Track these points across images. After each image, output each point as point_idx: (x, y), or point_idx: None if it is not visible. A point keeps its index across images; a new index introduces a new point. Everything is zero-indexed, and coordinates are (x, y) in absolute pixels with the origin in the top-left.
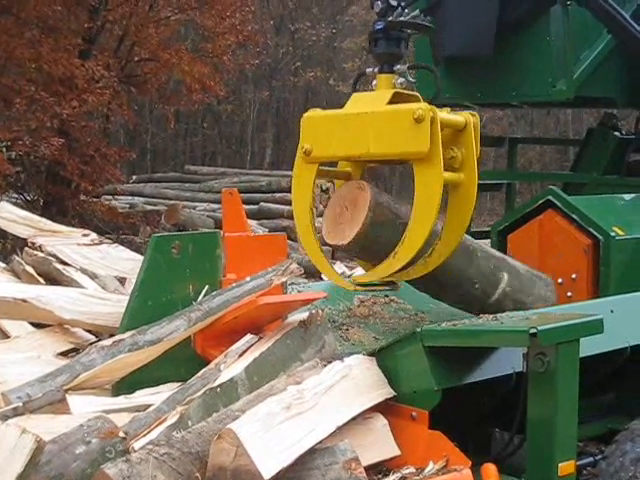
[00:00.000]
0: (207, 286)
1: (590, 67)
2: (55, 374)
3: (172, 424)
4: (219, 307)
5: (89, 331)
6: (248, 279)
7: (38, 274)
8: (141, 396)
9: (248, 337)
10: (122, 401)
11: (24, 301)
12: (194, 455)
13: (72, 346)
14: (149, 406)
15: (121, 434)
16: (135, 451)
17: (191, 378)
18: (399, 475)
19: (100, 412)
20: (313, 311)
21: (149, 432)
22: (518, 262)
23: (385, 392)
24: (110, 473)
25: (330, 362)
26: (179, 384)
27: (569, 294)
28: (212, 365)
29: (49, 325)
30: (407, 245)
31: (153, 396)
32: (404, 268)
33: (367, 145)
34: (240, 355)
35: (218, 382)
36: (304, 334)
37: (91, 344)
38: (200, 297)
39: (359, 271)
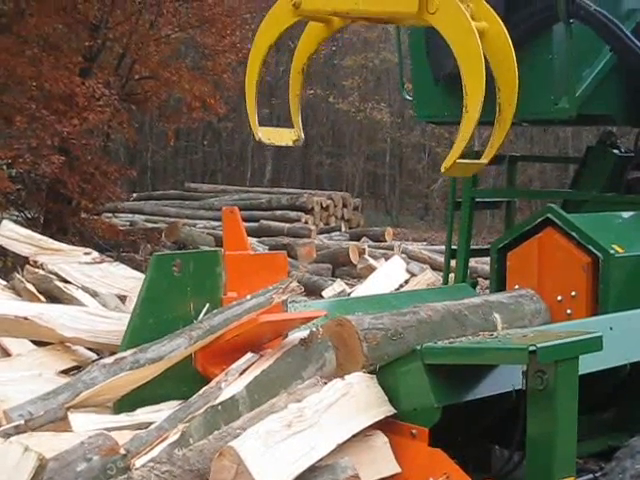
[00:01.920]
0: (208, 304)
1: (591, 85)
2: (57, 392)
3: (174, 442)
4: (220, 325)
5: (90, 349)
6: (249, 297)
7: (39, 292)
8: (142, 414)
9: (249, 355)
10: (124, 419)
11: (25, 319)
12: (195, 472)
13: (74, 364)
14: (150, 424)
15: (122, 451)
16: (137, 468)
17: (192, 396)
18: None
19: (101, 430)
20: (314, 329)
21: (151, 450)
22: (498, 294)
23: (385, 410)
24: None
25: (331, 380)
26: (180, 402)
27: (569, 311)
28: (213, 383)
29: (50, 343)
30: (472, 97)
31: (154, 414)
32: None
33: (356, 1)
34: (241, 373)
35: (219, 400)
36: (305, 352)
37: (93, 362)
38: (201, 315)
39: (358, 290)
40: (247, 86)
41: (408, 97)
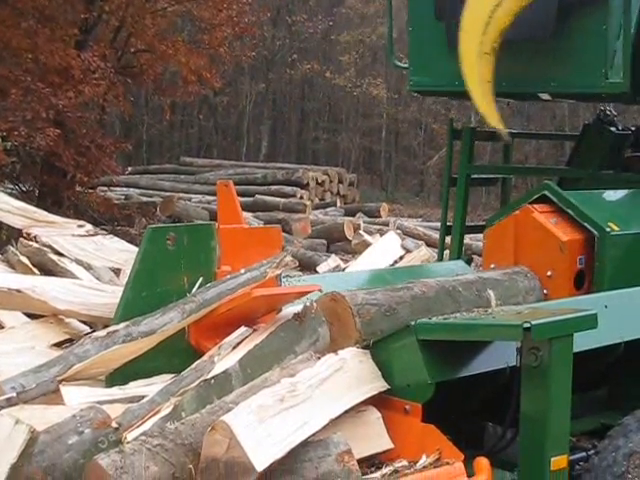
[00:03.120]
0: (201, 278)
1: None
2: (49, 365)
3: (166, 415)
4: (213, 299)
5: (84, 322)
6: (242, 271)
7: (33, 265)
8: (135, 387)
9: (242, 329)
10: (116, 392)
11: (18, 291)
12: (187, 446)
13: (66, 337)
14: (143, 397)
15: (114, 424)
16: (128, 442)
17: (185, 370)
18: (392, 468)
19: (94, 403)
20: (307, 304)
21: (142, 423)
22: (492, 271)
23: (379, 385)
24: (103, 464)
25: (324, 355)
26: (173, 376)
27: (545, 292)
28: (206, 357)
29: (43, 316)
30: None
31: (147, 387)
32: None
33: None
34: (234, 347)
35: (212, 374)
36: (298, 327)
37: (85, 335)
38: (194, 289)
39: (353, 265)
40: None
41: (400, 64)
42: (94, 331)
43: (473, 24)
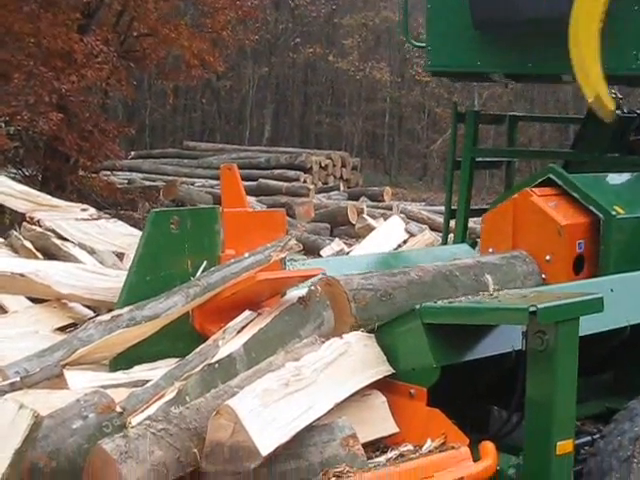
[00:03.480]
0: (205, 262)
1: None
2: (53, 349)
3: (170, 400)
4: (217, 283)
5: (87, 306)
6: (246, 255)
7: (36, 249)
8: (139, 371)
9: (246, 313)
10: (120, 376)
11: (22, 275)
12: (192, 431)
13: (70, 321)
14: (147, 381)
15: (118, 409)
16: (133, 426)
17: (189, 354)
18: (397, 452)
19: (98, 387)
20: (312, 287)
21: (147, 407)
22: (490, 255)
23: (384, 369)
24: (107, 448)
25: (329, 339)
26: (177, 360)
27: (543, 276)
28: (210, 341)
29: (46, 300)
30: None
31: (151, 372)
32: None
33: None
34: (238, 331)
35: (216, 358)
36: (303, 311)
37: (89, 319)
38: (199, 273)
39: (357, 249)
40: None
41: (417, 43)
42: (98, 315)
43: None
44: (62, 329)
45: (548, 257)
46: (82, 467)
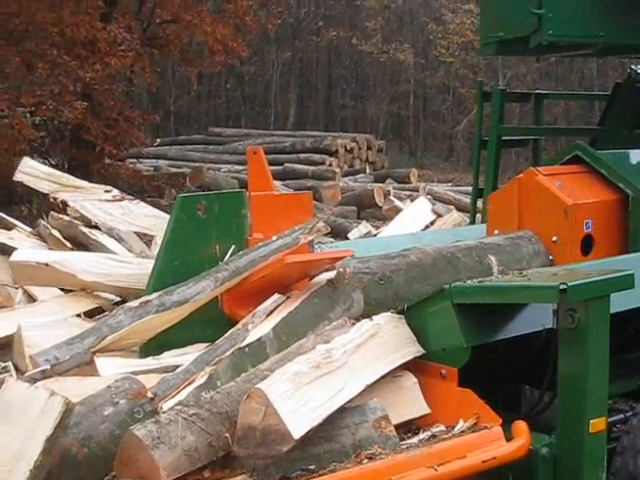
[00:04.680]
0: (233, 246)
1: None
2: (82, 336)
3: (201, 385)
4: (246, 267)
5: (113, 294)
6: (275, 238)
7: (64, 238)
8: (169, 357)
9: (275, 297)
10: (150, 362)
11: (46, 265)
12: (223, 415)
13: (96, 306)
14: (177, 367)
15: (149, 394)
16: (164, 412)
17: (219, 339)
18: (429, 433)
19: (128, 373)
20: (341, 269)
21: (178, 393)
22: (494, 236)
23: (414, 350)
24: (139, 434)
25: (359, 320)
26: (206, 345)
27: (550, 257)
28: (240, 325)
29: (73, 290)
30: None
31: (181, 357)
32: None
33: None
34: (268, 315)
35: (246, 342)
36: (332, 293)
37: (118, 306)
38: (227, 257)
39: (384, 231)
40: None
41: (536, 11)
42: (125, 302)
43: None
44: (90, 316)
45: (554, 238)
46: (114, 453)
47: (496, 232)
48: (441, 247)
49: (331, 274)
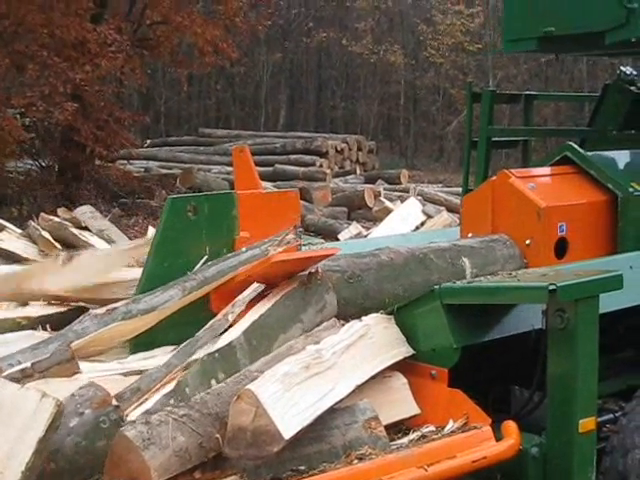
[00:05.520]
0: (206, 256)
1: None
2: (47, 342)
3: (168, 392)
4: (214, 277)
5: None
6: (244, 249)
7: (54, 239)
8: (134, 361)
9: (254, 286)
10: (115, 366)
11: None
12: (213, 416)
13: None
14: (142, 371)
15: (114, 402)
16: (130, 421)
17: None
18: (419, 434)
19: (113, 374)
20: (313, 270)
21: (144, 401)
22: (468, 238)
23: (404, 351)
24: (130, 435)
25: (348, 321)
26: (173, 347)
27: (525, 261)
28: (220, 316)
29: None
30: None
31: (147, 360)
32: None
33: None
34: (247, 305)
35: (216, 347)
36: (304, 294)
37: (85, 312)
38: (197, 267)
39: (375, 232)
40: None
41: (630, 5)
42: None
43: None
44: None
45: (528, 241)
46: (81, 465)
47: (470, 235)
48: (414, 248)
49: (303, 275)
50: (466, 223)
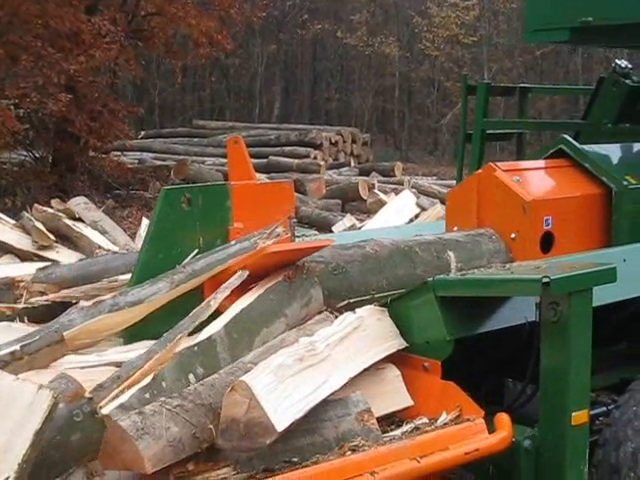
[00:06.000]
0: (196, 250)
1: None
2: (32, 335)
3: (144, 386)
4: (203, 269)
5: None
6: (233, 242)
7: (48, 230)
8: (113, 353)
9: (239, 272)
10: (93, 359)
11: None
12: (207, 407)
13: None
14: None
15: (87, 394)
16: (103, 415)
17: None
18: (412, 426)
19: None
20: (299, 264)
21: (118, 394)
22: (454, 232)
23: (397, 343)
24: (124, 425)
25: (342, 313)
26: (154, 342)
27: (511, 255)
28: (203, 303)
29: None
30: None
31: (125, 353)
32: None
33: None
34: (233, 294)
35: (195, 341)
36: (289, 288)
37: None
38: (187, 259)
39: (369, 224)
40: None
41: None
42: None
43: None
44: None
45: (513, 235)
46: (56, 459)
47: (455, 229)
48: (399, 240)
49: (289, 269)
50: (451, 216)
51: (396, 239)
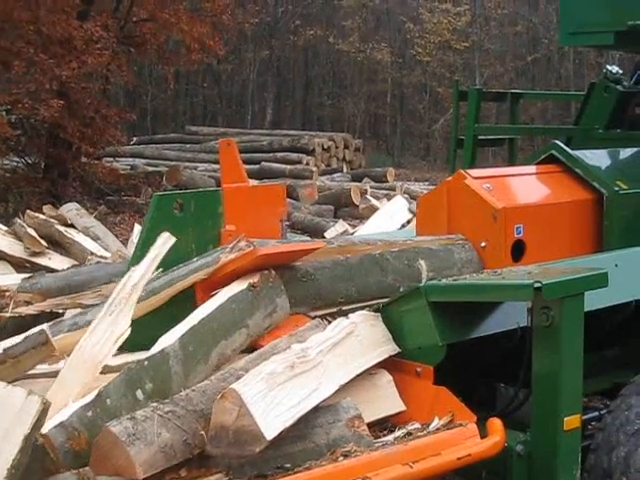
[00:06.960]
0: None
1: None
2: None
3: (86, 404)
4: (162, 287)
5: None
6: (195, 258)
7: (40, 236)
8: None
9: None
10: (44, 367)
11: None
12: (198, 413)
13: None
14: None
15: None
16: (44, 434)
17: None
18: (404, 431)
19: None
20: (265, 272)
21: (60, 412)
22: (427, 238)
23: (390, 348)
24: (115, 431)
25: (336, 318)
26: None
27: (481, 264)
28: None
29: None
30: None
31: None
32: None
33: None
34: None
35: (147, 355)
36: (253, 298)
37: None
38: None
39: (361, 230)
40: None
41: None
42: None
43: None
44: None
45: (483, 243)
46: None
47: (430, 238)
48: (372, 248)
49: (253, 277)
50: (421, 224)
51: (369, 247)
